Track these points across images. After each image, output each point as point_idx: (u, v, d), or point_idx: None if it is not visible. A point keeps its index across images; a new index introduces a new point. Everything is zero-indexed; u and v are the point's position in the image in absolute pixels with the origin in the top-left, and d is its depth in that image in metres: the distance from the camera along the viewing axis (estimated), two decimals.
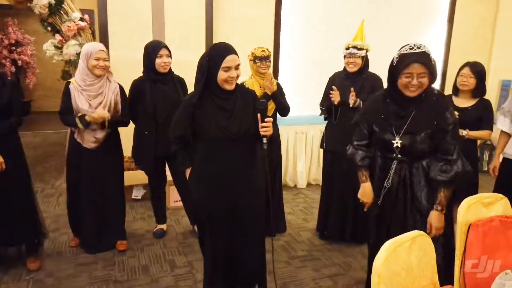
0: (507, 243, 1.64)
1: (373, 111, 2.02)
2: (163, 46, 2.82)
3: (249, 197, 2.03)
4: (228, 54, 1.86)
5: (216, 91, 1.91)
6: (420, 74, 1.78)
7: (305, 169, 4.52)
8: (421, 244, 1.33)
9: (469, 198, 1.64)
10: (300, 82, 4.69)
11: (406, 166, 1.94)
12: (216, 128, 1.91)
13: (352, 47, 2.87)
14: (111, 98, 2.71)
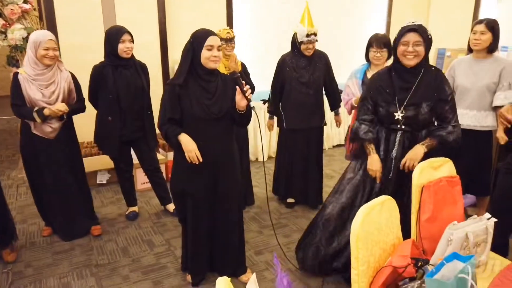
0: (452, 198, 1.95)
1: (377, 87, 2.17)
2: (125, 31, 2.81)
3: (229, 173, 2.22)
4: (211, 35, 2.03)
5: (200, 72, 2.05)
6: (416, 42, 1.98)
7: (266, 143, 4.72)
8: (388, 207, 1.57)
9: (421, 163, 1.91)
10: (258, 59, 4.80)
11: (409, 135, 2.12)
12: (199, 108, 2.05)
13: (312, 35, 3.05)
14: (64, 87, 2.68)
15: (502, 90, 2.67)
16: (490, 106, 2.75)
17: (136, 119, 2.98)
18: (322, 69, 3.20)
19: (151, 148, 3.20)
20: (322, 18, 5.09)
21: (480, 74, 2.74)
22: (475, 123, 2.77)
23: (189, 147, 2.05)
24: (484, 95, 2.74)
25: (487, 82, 2.71)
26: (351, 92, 2.97)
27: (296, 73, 3.17)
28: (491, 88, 2.71)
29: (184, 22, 4.30)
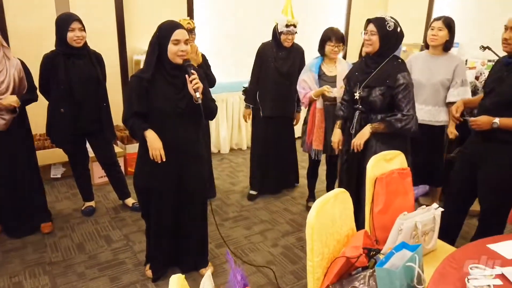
0: (403, 190, 2.04)
1: (353, 69, 2.48)
2: (75, 19, 2.67)
3: (195, 168, 2.19)
4: (177, 29, 1.97)
5: (167, 66, 2.00)
6: (371, 31, 2.22)
7: (228, 135, 4.71)
8: (342, 199, 1.61)
9: (374, 156, 1.98)
10: (218, 50, 4.76)
11: (365, 116, 2.35)
12: (167, 103, 2.01)
13: (292, 26, 3.06)
14: (14, 75, 2.53)
15: (455, 87, 2.79)
16: (444, 102, 2.86)
17: (91, 111, 2.87)
18: (298, 62, 3.26)
19: (108, 141, 3.10)
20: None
21: (435, 70, 2.85)
22: (430, 118, 2.89)
23: (154, 145, 2.01)
24: (438, 91, 2.85)
25: (441, 78, 2.82)
26: (307, 86, 3.01)
27: (276, 62, 3.21)
28: (445, 85, 2.82)
29: (143, 10, 4.17)
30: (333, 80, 2.96)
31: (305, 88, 3.02)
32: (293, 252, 2.72)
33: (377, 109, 2.30)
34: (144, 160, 2.11)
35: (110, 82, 3.94)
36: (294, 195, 3.60)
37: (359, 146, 2.29)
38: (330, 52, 2.93)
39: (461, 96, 2.76)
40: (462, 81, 2.78)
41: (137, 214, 3.14)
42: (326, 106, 2.98)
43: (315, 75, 2.98)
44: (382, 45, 2.22)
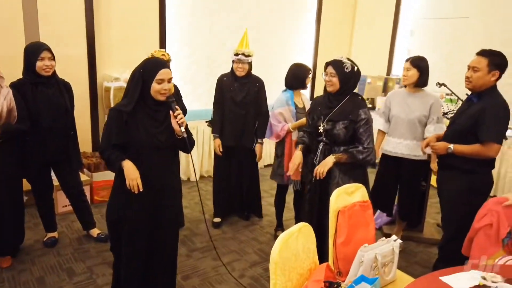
0: (365, 221, 2.12)
1: (316, 104, 2.61)
2: (44, 48, 2.68)
3: (170, 200, 2.21)
4: (162, 68, 2.00)
5: (148, 101, 2.02)
6: (331, 73, 2.41)
7: (198, 162, 4.72)
8: (305, 233, 1.67)
9: (337, 189, 2.07)
10: (190, 78, 4.84)
11: (329, 148, 2.47)
12: (146, 136, 2.02)
13: (241, 54, 3.15)
14: (3, 105, 2.51)
15: (432, 124, 2.96)
16: (421, 137, 3.00)
17: (58, 140, 2.84)
18: (255, 93, 3.34)
19: (74, 170, 3.05)
20: (256, 45, 5.29)
21: (412, 106, 3.00)
22: (409, 152, 3.02)
23: (132, 175, 2.00)
24: (415, 126, 2.99)
25: (418, 114, 2.97)
26: (283, 119, 3.11)
27: (230, 92, 3.30)
28: (422, 120, 2.98)
29: (115, 38, 4.20)
30: (303, 111, 3.10)
31: (281, 121, 3.11)
32: (261, 283, 2.73)
33: (340, 141, 2.43)
34: (120, 191, 2.10)
35: (79, 109, 3.93)
36: (263, 224, 3.63)
37: (322, 174, 2.38)
38: (308, 83, 3.15)
39: (437, 132, 2.93)
40: (438, 118, 2.95)
41: (102, 245, 3.08)
42: None
43: (293, 108, 3.10)
44: (342, 85, 2.41)
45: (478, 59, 2.39)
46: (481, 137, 2.33)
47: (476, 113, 2.36)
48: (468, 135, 2.39)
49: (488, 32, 4.85)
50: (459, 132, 2.45)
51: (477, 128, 2.34)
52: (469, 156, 2.38)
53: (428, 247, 3.32)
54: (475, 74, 2.38)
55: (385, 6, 5.85)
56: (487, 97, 2.38)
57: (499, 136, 2.34)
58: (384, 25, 5.87)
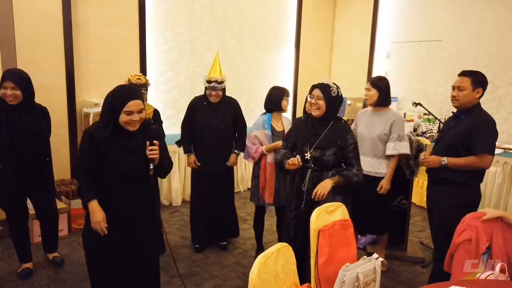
0: (346, 240, 2.10)
1: (298, 129, 2.59)
2: (8, 78, 2.61)
3: (146, 226, 2.15)
4: (130, 100, 1.93)
5: (119, 130, 1.98)
6: (318, 96, 2.40)
7: (180, 187, 4.66)
8: (284, 254, 1.64)
9: (317, 208, 2.06)
10: (172, 101, 4.85)
11: (317, 174, 2.44)
12: (118, 164, 1.98)
13: (214, 82, 3.16)
14: None
15: (392, 141, 3.00)
16: (382, 155, 3.05)
17: (33, 166, 2.78)
18: (230, 115, 3.32)
19: (49, 197, 2.98)
20: (233, 67, 5.37)
21: (375, 125, 3.06)
22: (370, 169, 3.05)
23: (95, 219, 1.97)
24: (376, 144, 3.04)
25: (378, 132, 3.03)
26: (259, 141, 3.12)
27: (204, 118, 3.26)
28: (382, 138, 3.03)
29: (94, 63, 4.20)
30: (281, 135, 3.09)
31: (255, 144, 3.12)
32: None
33: (329, 166, 2.44)
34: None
35: (58, 135, 3.90)
36: (246, 248, 3.57)
37: (323, 196, 2.34)
38: (285, 106, 3.14)
39: (398, 150, 2.98)
40: (398, 136, 2.99)
41: (78, 274, 2.98)
42: None
43: (269, 132, 3.10)
44: (328, 109, 2.42)
45: (461, 79, 2.55)
46: (475, 149, 2.47)
47: (466, 128, 2.51)
48: (460, 149, 2.52)
49: (460, 54, 5.03)
50: (450, 147, 2.57)
51: (470, 142, 2.48)
52: (463, 168, 2.50)
53: (412, 265, 3.31)
54: (461, 93, 2.52)
55: (362, 30, 6.04)
56: (475, 113, 2.53)
57: (491, 148, 2.49)
58: (361, 48, 6.05)
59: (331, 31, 6.49)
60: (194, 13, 4.93)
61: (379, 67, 5.89)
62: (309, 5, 6.08)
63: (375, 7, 5.84)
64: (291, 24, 6.00)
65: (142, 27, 4.48)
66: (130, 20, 4.41)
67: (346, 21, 6.33)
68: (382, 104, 3.06)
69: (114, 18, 4.28)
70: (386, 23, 5.80)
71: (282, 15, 5.88)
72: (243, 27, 5.43)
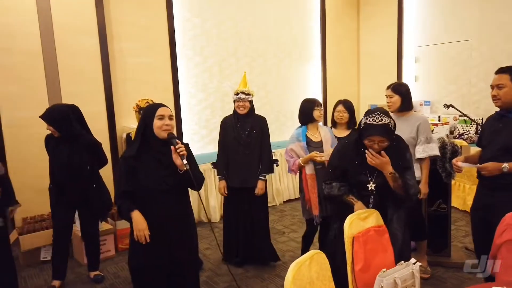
0: (382, 246, 2.11)
1: (347, 157, 2.35)
2: (42, 118, 2.92)
3: (186, 241, 2.25)
4: (161, 106, 2.16)
5: (153, 143, 2.12)
6: (380, 141, 2.18)
7: (217, 204, 4.78)
8: (318, 260, 1.68)
9: (350, 216, 2.08)
10: (206, 121, 5.04)
11: (378, 200, 2.30)
12: (154, 180, 2.10)
13: (241, 93, 3.31)
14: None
15: (420, 144, 2.98)
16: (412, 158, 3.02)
17: (74, 193, 3.08)
18: (258, 132, 3.40)
19: (91, 219, 3.27)
20: (261, 85, 5.51)
21: (400, 130, 3.04)
22: None
23: (138, 226, 2.06)
24: None
25: (405, 137, 2.98)
26: (295, 154, 3.16)
27: (234, 133, 3.37)
28: (410, 142, 2.99)
29: (131, 92, 4.46)
30: (319, 145, 3.13)
31: (293, 157, 3.17)
32: None
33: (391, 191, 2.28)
34: (134, 239, 2.17)
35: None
36: (286, 260, 3.60)
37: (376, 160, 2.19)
38: (318, 116, 3.18)
39: (427, 152, 2.94)
40: (426, 138, 2.96)
41: None
42: (318, 170, 3.10)
43: (304, 143, 3.15)
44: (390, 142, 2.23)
45: (499, 76, 2.39)
46: None
47: None
48: None
49: (493, 52, 4.90)
50: (507, 151, 2.34)
51: None
52: None
53: (457, 271, 3.21)
54: (501, 91, 2.36)
55: (387, 37, 6.02)
56: None
57: None
58: (388, 54, 6.02)
59: (356, 41, 6.51)
60: (220, 36, 5.14)
61: (408, 72, 5.83)
62: (332, 18, 6.16)
63: (399, 13, 5.82)
64: (315, 37, 6.10)
65: (173, 55, 4.73)
66: (161, 49, 4.67)
67: (371, 29, 6.34)
68: (406, 109, 3.05)
69: (146, 48, 4.56)
70: (412, 27, 5.77)
71: (306, 30, 5.99)
72: (268, 45, 5.58)
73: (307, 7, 5.96)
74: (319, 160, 3.03)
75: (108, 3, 4.25)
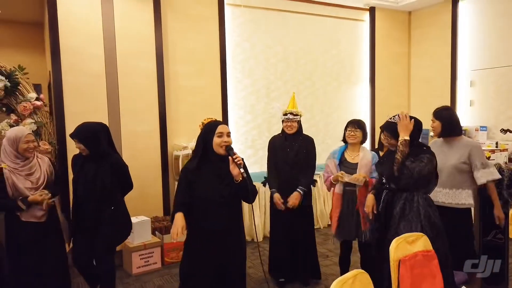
0: (430, 272, 2.03)
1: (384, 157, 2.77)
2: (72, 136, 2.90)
3: (236, 253, 2.33)
4: (221, 124, 2.30)
5: (212, 158, 2.26)
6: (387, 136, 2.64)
7: (261, 223, 4.80)
8: (362, 281, 1.66)
9: (396, 238, 2.03)
10: (252, 141, 5.15)
11: (391, 194, 2.60)
12: (210, 191, 2.23)
13: (289, 113, 3.39)
14: (47, 170, 2.93)
15: (477, 170, 2.87)
16: (463, 184, 2.91)
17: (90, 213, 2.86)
18: (305, 152, 3.44)
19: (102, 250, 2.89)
20: (313, 105, 5.55)
21: (449, 155, 2.96)
22: (450, 201, 2.93)
23: (176, 223, 2.16)
24: (453, 174, 2.93)
25: (454, 162, 2.91)
26: (329, 170, 3.20)
27: (281, 152, 3.43)
28: (459, 167, 2.90)
29: (183, 112, 4.69)
30: (354, 167, 3.11)
31: (328, 172, 3.22)
32: None
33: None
34: (189, 248, 2.30)
35: (152, 176, 4.38)
36: (328, 284, 3.51)
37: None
38: (348, 137, 3.18)
39: (487, 177, 2.82)
40: (482, 164, 2.84)
41: None
42: (346, 191, 3.11)
43: (336, 161, 3.18)
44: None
45: None
46: None
47: None
48: None
49: None
50: None
51: None
52: None
53: None
54: None
55: (440, 61, 5.86)
56: None
57: None
58: (441, 79, 5.84)
59: (407, 65, 6.40)
60: (268, 60, 5.29)
61: (462, 96, 5.61)
62: (382, 42, 6.12)
63: (453, 36, 5.66)
64: (364, 61, 6.07)
65: (223, 77, 4.92)
66: (213, 71, 4.88)
67: (422, 53, 6.21)
68: (449, 134, 2.99)
69: (199, 71, 4.79)
70: (467, 50, 5.58)
71: (354, 54, 5.99)
72: (315, 68, 5.64)
73: (356, 30, 5.98)
74: (340, 179, 3.04)
75: (166, 28, 4.54)
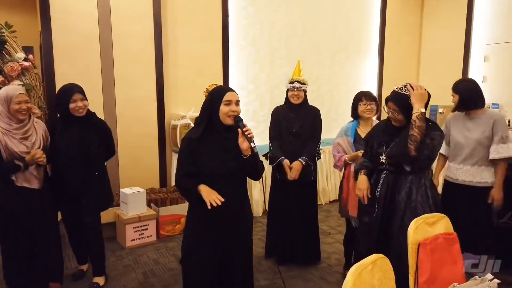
0: (451, 257, 1.85)
1: (376, 129, 2.46)
2: (75, 91, 2.70)
3: (242, 229, 2.15)
4: (229, 91, 2.03)
5: (218, 128, 2.01)
6: (394, 110, 2.27)
7: (260, 198, 4.64)
8: (381, 267, 1.47)
9: (415, 219, 1.84)
10: (253, 113, 4.91)
11: (393, 177, 2.28)
12: (216, 163, 2.00)
13: (296, 81, 3.12)
14: (43, 135, 2.68)
15: (495, 143, 2.68)
16: (484, 161, 2.73)
17: (76, 178, 2.77)
18: (310, 122, 3.21)
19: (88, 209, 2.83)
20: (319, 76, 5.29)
21: (472, 129, 2.76)
22: (471, 178, 2.75)
23: (211, 194, 1.94)
24: (476, 150, 2.74)
25: (477, 136, 2.71)
26: (342, 149, 2.98)
27: (286, 123, 3.19)
28: (483, 143, 2.70)
29: (181, 80, 4.43)
30: None
31: (340, 152, 2.99)
32: None
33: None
34: (194, 223, 2.11)
35: (149, 146, 4.18)
36: (331, 263, 3.39)
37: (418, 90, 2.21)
38: (363, 111, 2.92)
39: (501, 153, 2.64)
40: (501, 137, 2.65)
41: (167, 279, 3.06)
42: None
43: (351, 139, 2.94)
44: (407, 116, 2.25)
45: None
46: None
47: None
48: None
49: None
50: None
51: None
52: None
53: None
54: None
55: (453, 33, 5.58)
56: None
57: None
58: (453, 52, 5.58)
59: (418, 37, 6.11)
60: (273, 26, 4.98)
61: (475, 72, 5.36)
62: (393, 11, 5.80)
63: (469, 8, 5.36)
64: (374, 32, 5.78)
65: (225, 44, 4.63)
66: (214, 37, 4.59)
67: (435, 25, 5.91)
68: (469, 107, 2.77)
69: (200, 35, 4.49)
70: (482, 24, 5.29)
71: (364, 24, 5.69)
72: (323, 37, 5.35)
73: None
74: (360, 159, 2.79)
75: None
